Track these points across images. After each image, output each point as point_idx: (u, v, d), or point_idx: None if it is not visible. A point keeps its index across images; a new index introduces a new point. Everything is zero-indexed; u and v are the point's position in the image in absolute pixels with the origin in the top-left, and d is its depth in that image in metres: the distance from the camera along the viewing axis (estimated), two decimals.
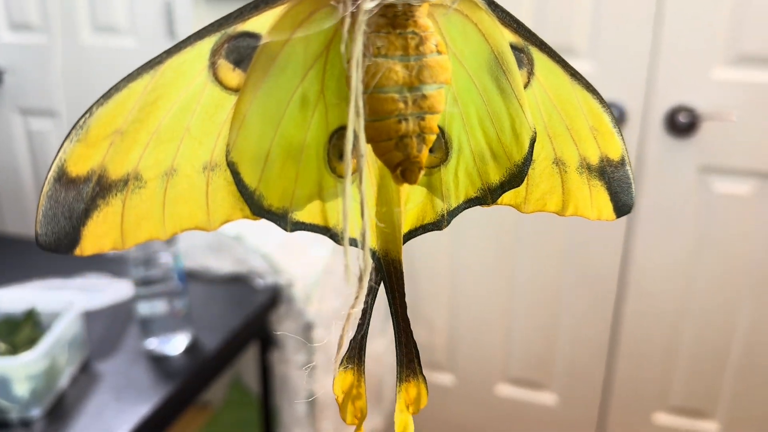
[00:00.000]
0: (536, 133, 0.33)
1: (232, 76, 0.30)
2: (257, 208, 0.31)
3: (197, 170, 0.30)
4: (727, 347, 1.48)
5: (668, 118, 1.36)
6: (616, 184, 0.36)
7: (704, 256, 1.43)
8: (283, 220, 0.32)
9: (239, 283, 1.23)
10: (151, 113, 0.29)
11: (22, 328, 0.99)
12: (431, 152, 0.33)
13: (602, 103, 0.35)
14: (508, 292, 1.61)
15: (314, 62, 0.29)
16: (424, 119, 0.29)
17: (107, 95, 0.28)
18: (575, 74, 0.34)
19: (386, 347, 1.46)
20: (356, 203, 0.29)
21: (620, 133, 0.36)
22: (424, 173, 0.34)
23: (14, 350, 0.94)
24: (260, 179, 0.30)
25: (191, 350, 1.04)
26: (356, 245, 0.31)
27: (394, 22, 0.28)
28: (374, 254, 0.35)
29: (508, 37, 0.32)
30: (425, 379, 0.36)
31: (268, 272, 1.22)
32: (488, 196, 0.35)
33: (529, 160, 0.33)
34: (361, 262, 0.27)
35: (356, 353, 0.36)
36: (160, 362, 1.01)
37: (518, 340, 1.64)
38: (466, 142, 0.34)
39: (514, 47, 0.32)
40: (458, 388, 1.73)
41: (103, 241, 0.29)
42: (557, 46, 0.34)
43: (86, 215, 0.28)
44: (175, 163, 0.29)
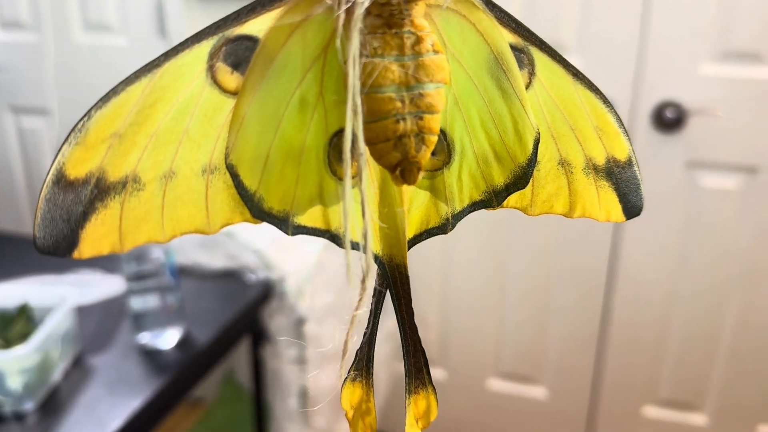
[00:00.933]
0: (540, 133, 0.33)
1: (230, 79, 0.30)
2: (258, 211, 0.31)
3: (196, 173, 0.30)
4: (715, 341, 1.49)
5: (656, 113, 1.37)
6: (624, 185, 0.36)
7: (692, 250, 1.44)
8: (284, 223, 0.31)
9: (231, 278, 1.24)
10: (149, 116, 0.29)
11: (15, 323, 0.99)
12: (433, 155, 0.33)
13: (606, 102, 0.34)
14: (498, 287, 1.62)
15: (312, 64, 0.29)
16: (422, 119, 0.29)
17: (105, 98, 0.28)
18: (577, 74, 0.34)
19: (378, 340, 1.47)
20: (357, 204, 0.28)
21: (626, 133, 0.35)
22: (426, 176, 0.34)
23: (7, 345, 0.95)
24: (260, 182, 0.30)
25: (183, 344, 1.05)
26: (359, 249, 0.31)
27: (390, 22, 0.28)
28: (378, 259, 0.34)
29: (507, 37, 0.32)
30: (435, 390, 0.35)
31: (259, 268, 1.23)
32: (493, 199, 0.34)
33: (533, 161, 0.33)
34: (363, 263, 0.27)
35: (363, 364, 0.35)
36: (152, 356, 1.02)
37: (509, 335, 1.66)
38: (468, 144, 0.33)
39: (513, 47, 0.32)
40: (450, 382, 1.74)
41: (101, 243, 0.29)
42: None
43: (85, 218, 0.28)
44: (173, 165, 0.29)
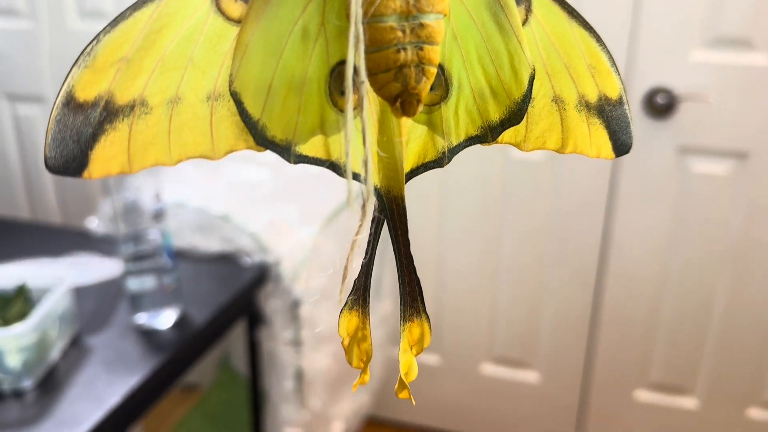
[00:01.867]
0: (535, 70, 0.33)
1: (234, 7, 0.31)
2: (261, 138, 0.32)
3: (201, 100, 0.31)
4: (705, 324, 1.51)
5: (647, 99, 1.39)
6: (614, 122, 0.36)
7: (682, 235, 1.46)
8: (286, 152, 0.32)
9: (227, 261, 1.25)
10: (155, 41, 0.30)
11: (13, 303, 1.01)
12: (431, 90, 0.33)
13: (600, 42, 0.35)
14: (491, 272, 1.64)
15: None
16: (422, 49, 0.30)
17: (114, 23, 0.30)
18: (573, 12, 0.34)
19: (373, 326, 1.48)
20: (358, 133, 0.29)
21: (618, 72, 0.36)
22: (424, 111, 0.35)
23: (5, 325, 0.96)
24: (263, 110, 0.31)
25: (180, 325, 1.06)
26: (358, 179, 0.32)
27: None
28: (377, 191, 0.35)
29: None
30: (428, 318, 0.37)
31: (255, 251, 1.24)
32: (488, 134, 0.35)
33: (528, 97, 0.34)
34: (363, 190, 0.28)
35: (361, 294, 0.36)
36: (149, 336, 1.03)
37: (502, 320, 1.67)
38: (466, 79, 0.34)
39: None
40: (444, 367, 1.76)
41: (110, 164, 0.30)
42: None
43: (94, 139, 0.29)
44: (179, 91, 0.30)
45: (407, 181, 0.36)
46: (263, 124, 0.31)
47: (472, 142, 0.35)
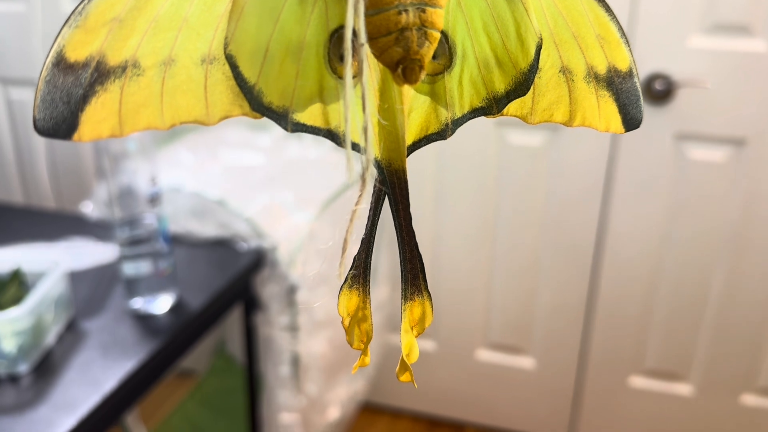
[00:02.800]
0: (542, 39, 0.32)
1: None
2: (257, 104, 0.31)
3: (195, 62, 0.30)
4: (701, 311, 1.52)
5: (644, 85, 1.38)
6: (624, 95, 0.35)
7: (679, 222, 1.46)
8: (283, 119, 0.32)
9: (223, 246, 1.25)
10: (149, 1, 0.29)
11: (7, 287, 1.00)
12: (434, 59, 0.33)
13: (609, 12, 0.34)
14: (488, 259, 1.64)
15: None
16: (425, 11, 0.29)
17: None
18: None
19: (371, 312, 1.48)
20: (358, 100, 0.28)
21: (628, 44, 0.35)
22: (427, 81, 0.34)
23: (0, 309, 0.95)
24: (260, 74, 0.30)
25: (176, 310, 1.05)
26: (358, 150, 0.31)
27: None
28: (377, 164, 0.34)
29: None
30: (430, 296, 0.36)
31: (251, 236, 1.24)
32: (494, 105, 0.34)
33: (535, 67, 0.33)
34: (363, 159, 0.27)
35: (361, 272, 0.35)
36: (145, 321, 1.03)
37: (498, 306, 1.67)
38: (470, 48, 0.33)
39: None
40: (440, 353, 1.76)
41: (101, 126, 0.29)
42: None
43: (84, 101, 0.28)
44: (173, 53, 0.30)
45: (409, 153, 0.35)
46: (259, 89, 0.31)
47: (476, 113, 0.34)
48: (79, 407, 0.84)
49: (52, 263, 1.01)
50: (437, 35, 0.30)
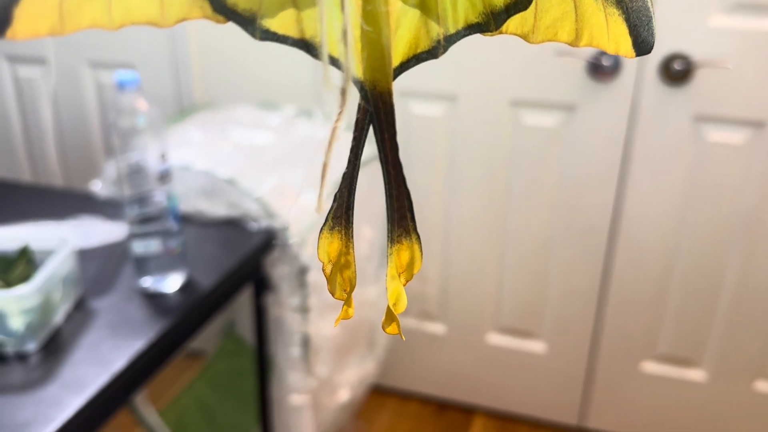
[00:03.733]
0: None
1: None
2: (219, 5, 0.28)
3: None
4: (715, 296, 1.50)
5: (663, 65, 1.35)
6: (634, 15, 0.33)
7: (696, 205, 1.43)
8: (250, 25, 0.28)
9: (233, 226, 1.23)
10: None
11: (16, 265, 0.99)
12: None
13: None
14: (499, 242, 1.62)
15: None
16: None
17: None
18: None
19: (379, 294, 1.47)
20: (336, 7, 0.25)
21: None
22: None
23: (8, 287, 0.94)
24: None
25: (186, 289, 1.04)
26: (337, 65, 0.27)
27: None
28: (360, 86, 0.30)
29: None
30: (420, 239, 0.32)
31: (262, 216, 1.22)
32: (491, 21, 0.31)
33: None
34: (343, 72, 0.24)
35: (344, 211, 0.32)
36: (154, 300, 1.01)
37: (509, 289, 1.66)
38: None
39: None
40: (450, 337, 1.75)
41: (38, 23, 0.26)
42: None
43: None
44: None
45: (397, 75, 0.31)
46: None
47: (472, 30, 0.31)
48: (87, 386, 0.83)
49: (60, 241, 1.00)
50: None
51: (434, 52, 0.31)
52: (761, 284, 1.45)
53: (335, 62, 0.28)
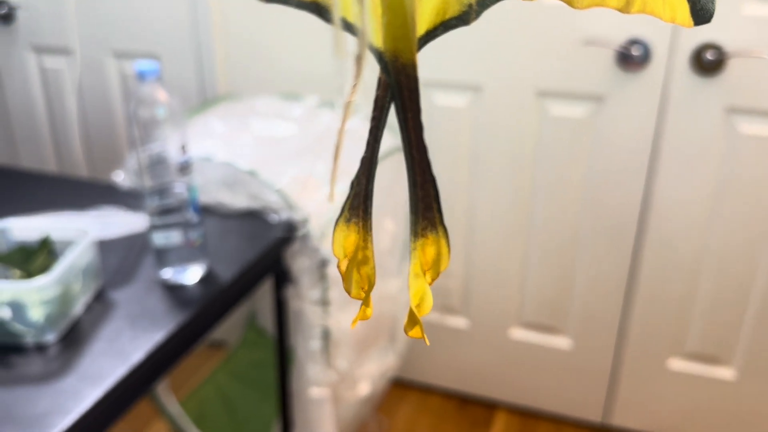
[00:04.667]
0: None
1: None
2: None
3: None
4: (746, 293, 1.46)
5: (695, 56, 1.31)
6: None
7: (727, 199, 1.40)
8: None
9: (254, 218, 1.22)
10: None
11: (36, 256, 0.99)
12: None
13: None
14: (524, 235, 1.59)
15: None
16: None
17: None
18: None
19: (400, 287, 1.45)
20: None
21: None
22: None
23: (29, 278, 0.94)
24: None
25: (206, 281, 1.03)
26: (352, 31, 0.25)
27: None
28: (381, 58, 0.27)
29: None
30: (447, 232, 0.29)
31: (282, 208, 1.21)
32: None
33: None
34: (358, 38, 0.22)
35: (361, 201, 0.29)
36: (174, 292, 1.01)
37: (533, 284, 1.63)
38: None
39: None
40: (472, 331, 1.73)
41: None
42: None
43: None
44: None
45: (423, 45, 0.28)
46: None
47: None
48: (105, 378, 0.82)
49: (80, 232, 0.99)
50: None
51: (465, 17, 0.28)
52: None
53: (349, 27, 0.25)
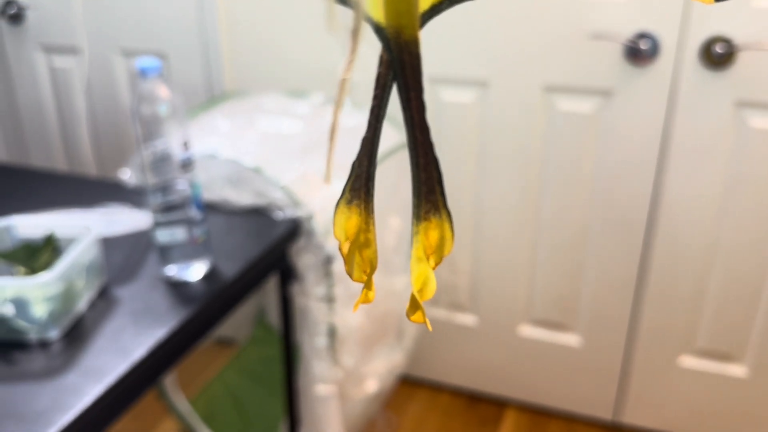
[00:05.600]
0: None
1: None
2: None
3: None
4: (758, 288, 1.44)
5: (704, 49, 1.30)
6: None
7: (737, 194, 1.38)
8: None
9: (259, 215, 1.22)
10: None
11: (41, 253, 0.99)
12: None
13: None
14: (532, 232, 1.58)
15: None
16: None
17: None
18: None
19: (407, 284, 1.45)
20: None
21: None
22: None
23: (33, 275, 0.94)
24: None
25: (210, 278, 1.03)
26: (345, 2, 0.24)
27: None
28: (382, 34, 0.26)
29: None
30: (450, 216, 0.28)
31: (287, 205, 1.21)
32: None
33: None
34: (353, 8, 0.21)
35: (363, 183, 0.28)
36: (178, 288, 1.01)
37: (542, 280, 1.62)
38: None
39: None
40: (481, 328, 1.72)
41: None
42: None
43: None
44: None
45: (427, 20, 0.27)
46: None
47: None
48: (107, 375, 0.82)
49: (84, 229, 1.00)
50: None
51: None
52: None
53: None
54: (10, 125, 2.00)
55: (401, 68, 0.26)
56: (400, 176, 1.37)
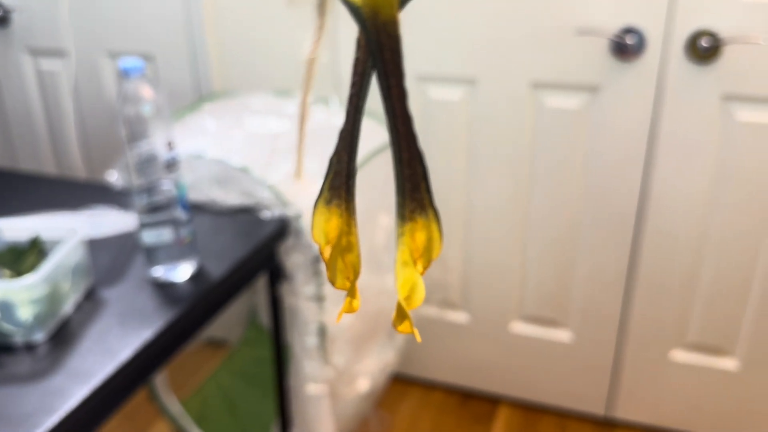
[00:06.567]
0: None
1: None
2: None
3: None
4: (748, 282, 1.44)
5: (689, 42, 1.30)
6: None
7: (725, 187, 1.38)
8: None
9: (246, 215, 1.22)
10: None
11: (26, 256, 0.99)
12: None
13: None
14: (523, 228, 1.58)
15: None
16: None
17: None
18: None
19: None
20: None
21: None
22: None
23: (18, 277, 0.94)
24: None
25: (197, 278, 1.03)
26: None
27: None
28: (359, 15, 0.24)
29: None
30: (438, 215, 0.26)
31: (275, 204, 1.20)
32: None
33: None
34: None
35: (343, 181, 0.26)
36: (165, 289, 1.00)
37: (533, 277, 1.62)
38: None
39: None
40: (473, 325, 1.72)
41: None
42: None
43: None
44: None
45: (404, 4, 0.25)
46: None
47: None
48: (93, 376, 0.82)
49: (70, 232, 0.99)
50: None
51: None
52: None
53: None
54: None
55: (380, 52, 0.24)
56: (390, 174, 1.37)
